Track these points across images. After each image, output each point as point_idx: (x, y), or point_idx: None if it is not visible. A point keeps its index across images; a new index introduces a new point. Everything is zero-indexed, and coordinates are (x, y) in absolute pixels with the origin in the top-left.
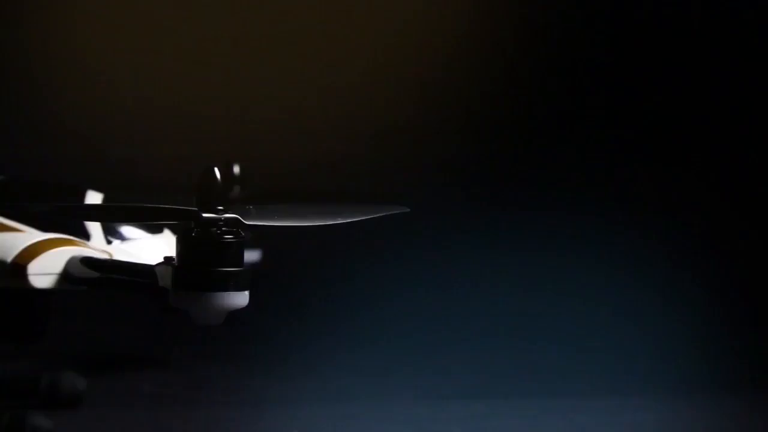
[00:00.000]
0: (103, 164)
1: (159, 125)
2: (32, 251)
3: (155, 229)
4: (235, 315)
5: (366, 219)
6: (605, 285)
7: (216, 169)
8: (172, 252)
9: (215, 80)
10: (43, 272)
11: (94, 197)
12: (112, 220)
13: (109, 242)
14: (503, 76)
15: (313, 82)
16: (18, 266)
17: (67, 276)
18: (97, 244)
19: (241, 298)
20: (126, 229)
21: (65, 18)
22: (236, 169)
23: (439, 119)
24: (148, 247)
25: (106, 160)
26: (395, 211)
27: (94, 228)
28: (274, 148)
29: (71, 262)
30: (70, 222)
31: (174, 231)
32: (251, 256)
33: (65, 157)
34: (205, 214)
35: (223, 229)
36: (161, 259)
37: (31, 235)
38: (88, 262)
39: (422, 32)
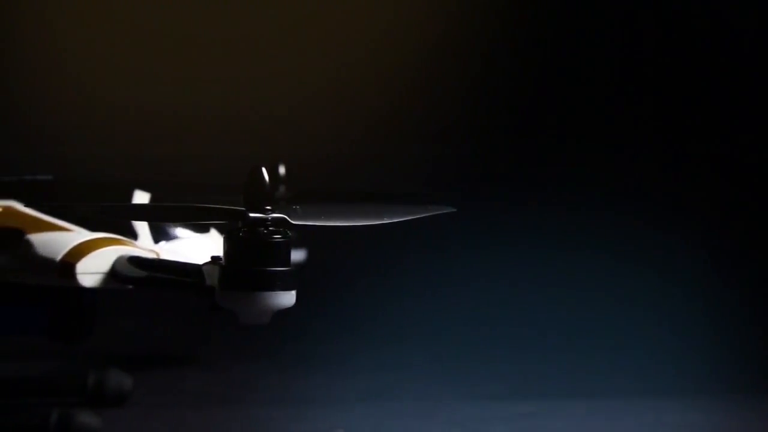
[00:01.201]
0: (147, 164)
1: (194, 126)
2: (81, 250)
3: (202, 229)
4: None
5: (412, 219)
6: (651, 287)
7: (264, 169)
8: (218, 251)
9: (244, 83)
10: (92, 271)
11: (141, 197)
12: (159, 219)
13: (156, 242)
14: (515, 75)
15: (338, 85)
16: (67, 265)
17: (114, 275)
18: (144, 244)
19: (287, 298)
20: (173, 229)
21: (113, 23)
22: (282, 170)
23: (454, 119)
24: (195, 247)
25: (150, 160)
26: (441, 211)
27: (142, 227)
28: (304, 148)
29: (119, 262)
30: (117, 221)
31: (221, 230)
32: (296, 255)
33: (112, 156)
34: (252, 214)
35: (270, 228)
36: (208, 259)
37: (80, 235)
38: (135, 261)
39: (434, 33)
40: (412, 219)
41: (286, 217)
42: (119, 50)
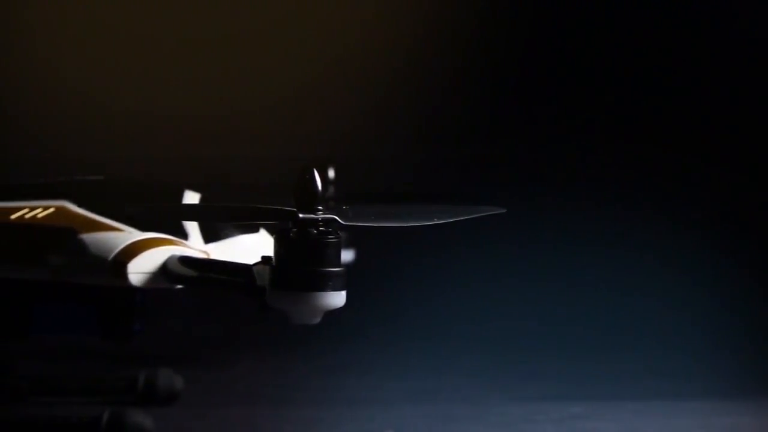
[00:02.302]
0: (197, 164)
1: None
2: (132, 250)
3: (252, 229)
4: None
5: (462, 220)
6: (699, 286)
7: (315, 170)
8: (268, 251)
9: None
10: (143, 271)
11: (191, 197)
12: (211, 220)
13: (206, 242)
14: (556, 74)
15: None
16: (118, 264)
17: (165, 274)
18: (195, 244)
19: (338, 298)
20: (223, 229)
21: (159, 30)
22: (331, 171)
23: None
24: (245, 247)
25: (199, 161)
26: (491, 212)
27: (192, 227)
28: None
29: (170, 261)
30: (168, 221)
31: (270, 230)
32: (345, 256)
33: (162, 156)
34: (303, 215)
35: (321, 229)
36: (258, 259)
37: (131, 235)
38: (186, 261)
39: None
40: (461, 220)
41: (336, 217)
42: (163, 55)
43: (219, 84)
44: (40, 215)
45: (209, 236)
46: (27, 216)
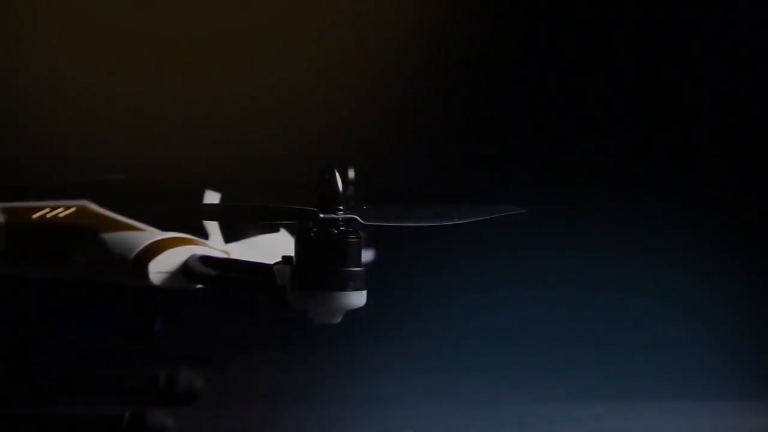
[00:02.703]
0: (217, 164)
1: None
2: (153, 249)
3: (272, 229)
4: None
5: (482, 219)
6: (721, 288)
7: (335, 171)
8: (288, 251)
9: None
10: (163, 270)
11: (211, 197)
12: (232, 219)
13: (227, 241)
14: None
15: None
16: (139, 264)
17: (186, 274)
18: (215, 243)
19: (359, 298)
20: (243, 228)
21: (189, 26)
22: (351, 172)
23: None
24: (266, 247)
25: (219, 161)
26: (511, 212)
27: (213, 227)
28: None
29: (191, 261)
30: (189, 221)
31: (291, 230)
32: (366, 255)
33: (181, 157)
34: (323, 215)
35: (342, 229)
36: (279, 259)
37: (152, 234)
38: (207, 260)
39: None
40: (482, 219)
41: (357, 217)
42: (180, 57)
43: (237, 85)
44: (61, 215)
45: (230, 236)
46: (48, 216)
